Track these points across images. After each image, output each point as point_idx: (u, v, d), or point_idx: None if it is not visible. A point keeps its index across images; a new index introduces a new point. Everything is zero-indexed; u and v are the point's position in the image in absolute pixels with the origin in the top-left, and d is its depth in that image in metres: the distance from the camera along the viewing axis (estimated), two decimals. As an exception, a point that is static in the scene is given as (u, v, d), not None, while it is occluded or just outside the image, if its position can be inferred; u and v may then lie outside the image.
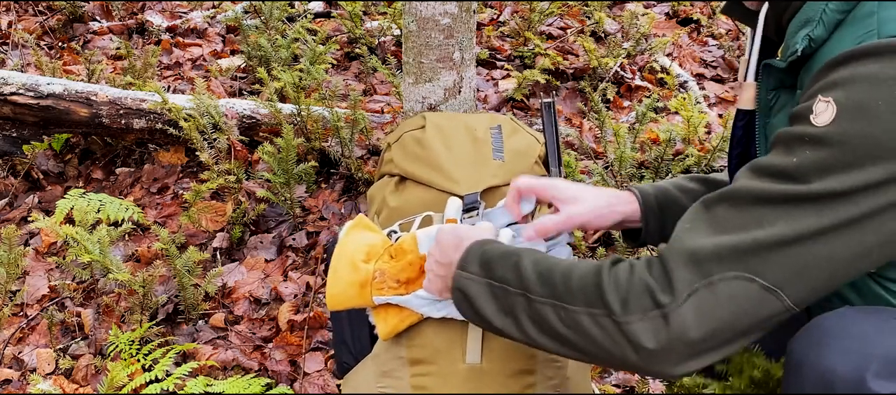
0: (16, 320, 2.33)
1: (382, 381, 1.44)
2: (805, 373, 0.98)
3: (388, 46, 3.47)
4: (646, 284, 1.00)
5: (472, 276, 1.17)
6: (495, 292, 1.14)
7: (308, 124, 2.62)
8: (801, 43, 1.03)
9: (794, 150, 0.96)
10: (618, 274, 1.03)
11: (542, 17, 3.52)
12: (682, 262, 0.98)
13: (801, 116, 0.98)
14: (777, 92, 1.14)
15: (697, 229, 1.01)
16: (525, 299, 1.10)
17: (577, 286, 1.06)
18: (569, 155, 2.54)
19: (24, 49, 3.56)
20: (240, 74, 3.43)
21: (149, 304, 2.21)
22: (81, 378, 2.13)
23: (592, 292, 1.04)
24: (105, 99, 2.80)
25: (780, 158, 0.98)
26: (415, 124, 1.65)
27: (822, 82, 0.97)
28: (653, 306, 0.98)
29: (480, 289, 1.16)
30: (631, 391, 2.04)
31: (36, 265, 2.55)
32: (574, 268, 1.08)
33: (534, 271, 1.11)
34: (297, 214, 2.56)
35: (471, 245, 1.21)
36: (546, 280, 1.09)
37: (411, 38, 1.88)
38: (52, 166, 3.00)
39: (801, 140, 0.96)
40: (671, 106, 2.78)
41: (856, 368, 0.93)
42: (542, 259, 1.13)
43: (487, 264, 1.16)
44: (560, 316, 1.06)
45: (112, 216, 2.45)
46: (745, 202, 0.98)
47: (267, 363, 2.14)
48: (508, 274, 1.13)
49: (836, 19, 1.02)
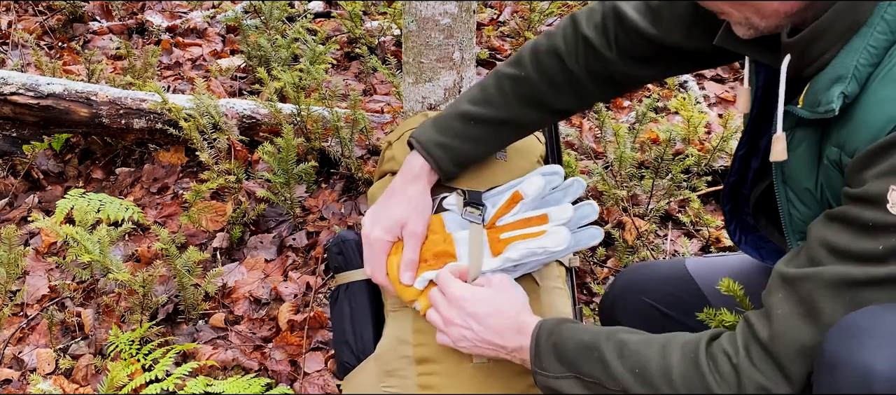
0: (16, 320, 2.33)
1: (387, 381, 1.43)
2: (840, 372, 0.98)
3: (388, 46, 3.47)
4: (759, 384, 1.04)
5: (559, 376, 1.19)
6: (589, 387, 1.17)
7: (308, 124, 2.62)
8: (837, 102, 1.04)
9: (878, 238, 1.00)
10: (722, 370, 1.06)
11: (542, 17, 3.52)
12: (793, 356, 1.03)
13: (874, 203, 1.00)
14: (793, 131, 1.14)
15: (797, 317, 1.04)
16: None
17: (681, 386, 1.08)
18: (569, 155, 2.54)
19: (24, 49, 3.56)
20: (240, 73, 3.43)
21: (149, 304, 2.21)
22: (81, 378, 2.13)
23: (701, 391, 1.07)
24: (105, 99, 2.80)
25: (864, 243, 1.01)
26: (415, 123, 1.64)
27: (888, 165, 0.99)
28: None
29: (572, 385, 1.18)
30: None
31: (36, 265, 2.55)
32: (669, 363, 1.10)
33: (626, 369, 1.13)
34: (297, 214, 2.56)
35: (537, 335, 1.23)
36: (643, 379, 1.11)
37: (411, 38, 1.88)
38: (52, 166, 3.00)
39: (885, 229, 0.99)
40: (671, 106, 2.78)
41: (893, 365, 0.94)
42: (625, 350, 1.15)
43: (569, 361, 1.18)
44: None
45: (112, 216, 2.45)
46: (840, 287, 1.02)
47: (267, 363, 2.14)
48: (597, 372, 1.15)
49: (867, 73, 1.03)
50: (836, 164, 1.08)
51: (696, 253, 2.40)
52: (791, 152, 1.15)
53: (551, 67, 1.43)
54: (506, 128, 1.47)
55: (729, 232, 1.43)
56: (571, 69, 1.42)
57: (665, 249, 2.42)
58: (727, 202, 1.41)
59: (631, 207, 2.49)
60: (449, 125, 1.46)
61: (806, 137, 1.13)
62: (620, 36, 1.38)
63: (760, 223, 1.40)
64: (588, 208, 1.46)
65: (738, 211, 1.42)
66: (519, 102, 1.44)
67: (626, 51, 1.39)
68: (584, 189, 1.50)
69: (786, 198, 1.20)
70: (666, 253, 2.41)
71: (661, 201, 2.49)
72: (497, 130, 1.47)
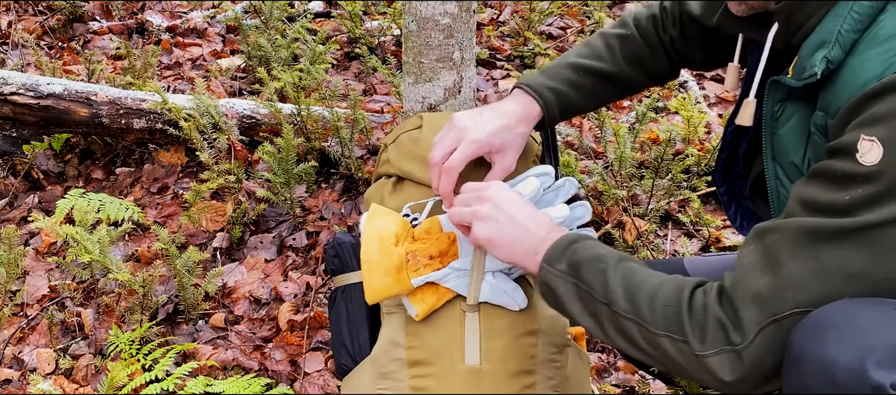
0: (16, 320, 2.33)
1: (382, 383, 1.43)
2: (806, 365, 0.99)
3: (388, 46, 3.47)
4: (719, 321, 1.07)
5: (561, 274, 1.21)
6: (581, 295, 1.19)
7: (308, 124, 2.62)
8: (819, 66, 1.06)
9: (846, 188, 1.01)
10: (695, 306, 1.10)
11: (542, 17, 3.52)
12: (748, 302, 1.05)
13: (845, 153, 1.01)
14: (783, 104, 1.16)
15: (758, 267, 1.06)
16: (609, 310, 1.16)
17: (660, 312, 1.11)
18: (569, 155, 2.54)
19: (24, 49, 3.56)
20: (240, 73, 3.43)
21: (149, 304, 2.21)
22: (81, 378, 2.13)
23: (673, 321, 1.10)
24: (105, 99, 2.80)
25: (832, 194, 1.02)
26: (412, 125, 1.64)
27: (863, 117, 1.00)
28: (726, 342, 1.06)
29: (567, 288, 1.20)
30: (631, 391, 2.04)
31: (36, 265, 2.55)
32: (659, 290, 1.13)
33: (621, 287, 1.16)
34: (297, 214, 2.56)
35: (560, 239, 1.25)
36: (631, 297, 1.14)
37: (411, 37, 1.88)
38: (52, 166, 3.00)
39: (852, 179, 1.00)
40: (671, 106, 2.78)
41: (857, 358, 0.95)
42: (630, 273, 1.17)
43: (575, 265, 1.20)
44: (642, 334, 1.13)
45: (112, 216, 2.45)
46: (801, 238, 1.03)
47: (267, 363, 2.14)
48: (595, 282, 1.18)
49: (852, 39, 1.04)
50: (821, 129, 1.09)
51: (695, 253, 2.40)
52: (781, 126, 1.17)
53: (650, 29, 1.52)
54: (611, 83, 1.53)
55: (730, 217, 1.45)
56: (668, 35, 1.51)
57: (665, 249, 2.42)
58: (722, 182, 1.43)
59: (631, 207, 2.49)
60: (558, 73, 1.51)
61: (796, 111, 1.15)
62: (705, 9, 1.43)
63: (760, 209, 1.41)
64: (581, 209, 1.46)
65: (736, 194, 1.43)
66: (624, 59, 1.51)
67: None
68: (576, 188, 1.51)
69: (774, 175, 1.22)
70: (666, 253, 2.41)
71: (661, 201, 2.49)
72: (604, 84, 1.52)
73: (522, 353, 1.41)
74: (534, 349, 1.41)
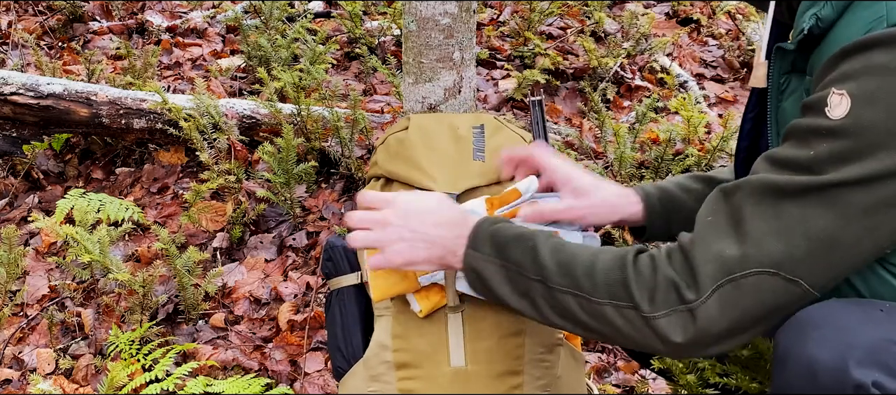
0: (16, 320, 2.33)
1: (372, 385, 1.44)
2: (789, 364, 0.99)
3: (388, 46, 3.47)
4: (671, 280, 1.02)
5: (486, 257, 1.17)
6: (511, 276, 1.15)
7: (308, 124, 2.62)
8: (808, 22, 1.04)
9: (811, 142, 0.98)
10: (641, 268, 1.05)
11: (542, 17, 3.52)
12: (706, 259, 1.01)
13: (815, 108, 0.99)
14: (789, 76, 1.13)
15: (719, 225, 1.03)
16: (544, 286, 1.11)
17: (601, 280, 1.07)
18: (569, 155, 2.54)
19: (24, 49, 3.56)
20: (240, 73, 3.43)
21: (149, 304, 2.21)
22: (81, 378, 2.13)
23: (617, 286, 1.06)
24: (105, 99, 2.80)
25: (797, 150, 0.99)
26: (400, 126, 1.65)
27: (835, 73, 0.98)
28: (679, 301, 1.02)
29: (495, 271, 1.16)
30: (631, 391, 2.04)
31: (36, 265, 2.55)
32: (596, 260, 1.09)
33: (553, 260, 1.11)
34: (297, 214, 2.56)
35: (480, 222, 1.20)
36: (567, 271, 1.10)
37: (411, 38, 1.88)
38: (52, 166, 2.99)
39: (818, 133, 0.97)
40: (671, 106, 2.78)
41: (838, 357, 0.94)
42: (559, 247, 1.13)
43: (501, 245, 1.16)
44: (582, 306, 1.08)
45: (112, 216, 2.45)
46: (765, 195, 1.00)
47: (267, 363, 2.14)
48: (524, 258, 1.13)
49: (845, 3, 1.02)
50: (807, 93, 1.07)
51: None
52: (785, 100, 1.15)
53: None
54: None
55: None
56: None
57: (665, 249, 2.42)
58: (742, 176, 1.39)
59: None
60: (669, 178, 1.45)
61: (799, 85, 1.13)
62: None
63: None
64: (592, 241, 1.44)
65: None
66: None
67: None
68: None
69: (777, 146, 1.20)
70: (666, 253, 2.41)
71: (661, 201, 2.49)
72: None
73: (508, 353, 1.41)
74: (520, 349, 1.41)
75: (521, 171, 1.43)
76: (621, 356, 2.14)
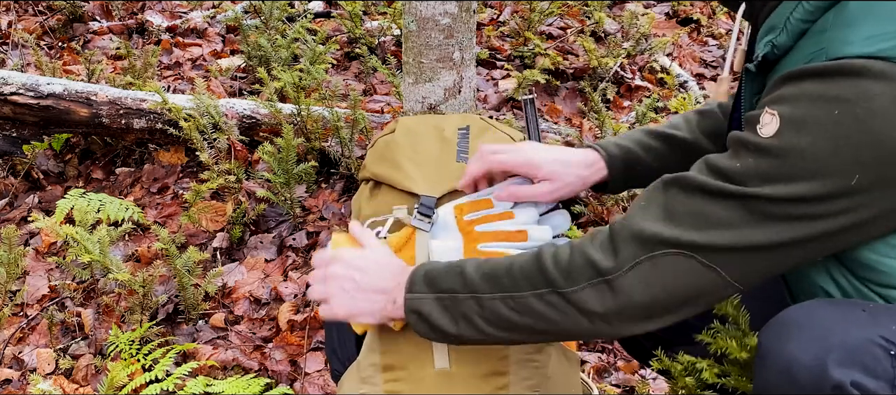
0: (16, 320, 2.33)
1: (362, 388, 1.45)
2: (769, 364, 1.00)
3: (388, 46, 3.47)
4: (587, 256, 1.07)
5: (421, 295, 1.20)
6: (445, 304, 1.18)
7: (308, 124, 2.62)
8: (762, 49, 1.08)
9: (740, 154, 1.02)
10: (558, 253, 1.10)
11: (542, 17, 3.52)
12: (629, 238, 1.06)
13: (750, 123, 1.04)
14: (758, 96, 1.16)
15: (650, 211, 1.07)
16: (475, 301, 1.15)
17: (520, 275, 1.11)
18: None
19: (24, 49, 3.56)
20: (240, 73, 3.43)
21: (149, 304, 2.21)
22: (81, 378, 2.13)
23: (536, 274, 1.10)
24: (105, 99, 2.80)
25: (727, 159, 1.04)
26: (389, 129, 1.65)
27: (773, 95, 1.02)
28: (596, 274, 1.06)
29: (432, 305, 1.19)
30: (631, 391, 2.04)
31: (36, 265, 2.55)
32: (515, 260, 1.14)
33: (477, 274, 1.16)
34: (297, 214, 2.56)
35: (414, 269, 1.24)
36: (490, 278, 1.14)
37: (411, 38, 1.88)
38: (52, 166, 3.00)
39: (747, 147, 1.02)
40: (671, 106, 2.78)
41: (817, 356, 0.95)
42: (483, 262, 1.18)
43: (432, 280, 1.20)
44: (510, 306, 1.12)
45: (112, 216, 2.46)
46: (693, 192, 1.04)
47: (267, 363, 2.14)
48: (454, 283, 1.17)
49: (801, 29, 1.05)
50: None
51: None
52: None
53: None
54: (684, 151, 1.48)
55: None
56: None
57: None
58: None
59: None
60: (630, 135, 1.50)
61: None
62: None
63: None
64: (560, 217, 1.46)
65: None
66: (702, 130, 1.48)
67: None
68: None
69: None
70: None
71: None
72: (676, 151, 1.48)
73: (493, 354, 1.41)
74: (506, 349, 1.41)
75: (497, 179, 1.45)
76: (621, 355, 2.14)
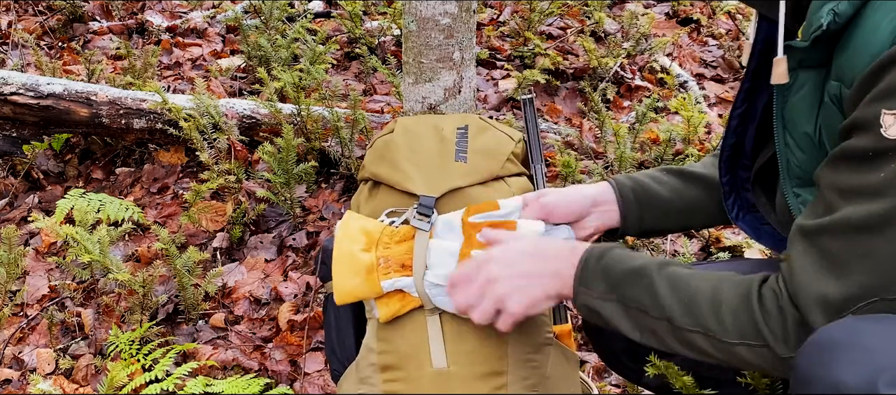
0: (16, 320, 2.33)
1: (360, 388, 1.45)
2: (813, 387, 0.96)
3: (388, 46, 3.47)
4: (799, 322, 1.03)
5: (601, 297, 1.17)
6: (631, 314, 1.15)
7: (308, 124, 2.62)
8: (826, 18, 1.02)
9: (877, 165, 0.97)
10: (768, 307, 1.06)
11: (542, 17, 3.52)
12: (816, 309, 1.01)
13: (866, 129, 0.98)
14: (796, 72, 1.12)
15: (813, 269, 1.03)
16: (669, 325, 1.12)
17: (729, 321, 1.07)
18: (569, 155, 2.54)
19: (24, 49, 3.56)
20: (240, 73, 3.43)
21: (149, 304, 2.21)
22: (81, 378, 2.13)
23: (748, 328, 1.06)
24: (105, 99, 2.80)
25: (864, 175, 0.99)
26: (388, 129, 1.65)
27: (879, 90, 0.97)
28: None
29: (614, 309, 1.16)
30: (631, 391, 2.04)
31: (36, 265, 2.55)
32: (721, 296, 1.09)
33: (674, 298, 1.12)
34: (297, 214, 2.56)
35: (586, 257, 1.20)
36: (690, 310, 1.10)
37: (411, 38, 1.88)
38: (52, 166, 3.00)
39: (882, 154, 0.97)
40: (671, 106, 2.78)
41: (867, 380, 0.92)
42: (675, 279, 1.13)
43: (616, 283, 1.16)
44: (713, 344, 1.09)
45: (112, 216, 2.46)
46: (849, 232, 1.00)
47: (267, 363, 2.14)
48: (643, 298, 1.14)
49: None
50: (836, 99, 1.06)
51: (695, 253, 2.40)
52: (793, 95, 1.14)
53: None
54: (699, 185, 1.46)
55: (727, 207, 1.40)
56: None
57: (665, 249, 2.42)
58: (726, 172, 1.38)
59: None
60: (645, 172, 1.47)
61: (808, 80, 1.11)
62: None
63: (760, 201, 1.38)
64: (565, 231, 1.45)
65: (737, 186, 1.39)
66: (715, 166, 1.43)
67: None
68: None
69: (784, 143, 1.18)
70: (666, 253, 2.41)
71: (661, 201, 2.49)
72: (690, 186, 1.46)
73: (491, 354, 1.40)
74: (503, 349, 1.41)
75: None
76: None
